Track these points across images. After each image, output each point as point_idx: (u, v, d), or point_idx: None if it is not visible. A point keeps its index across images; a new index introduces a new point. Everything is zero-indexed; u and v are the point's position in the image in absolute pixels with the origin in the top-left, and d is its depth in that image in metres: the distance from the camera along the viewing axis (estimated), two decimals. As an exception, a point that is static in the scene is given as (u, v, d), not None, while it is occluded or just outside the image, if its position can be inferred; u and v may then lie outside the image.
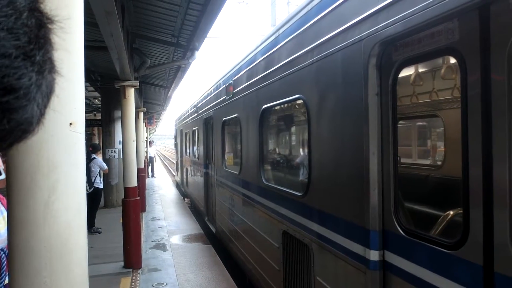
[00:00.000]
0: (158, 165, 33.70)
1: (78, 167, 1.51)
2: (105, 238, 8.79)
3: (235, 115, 6.40)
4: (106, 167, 9.43)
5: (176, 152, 19.20)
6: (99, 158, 9.34)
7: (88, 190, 8.87)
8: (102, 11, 3.79)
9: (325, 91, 3.35)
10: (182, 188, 16.70)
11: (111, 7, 3.76)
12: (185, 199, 15.68)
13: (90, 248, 7.38)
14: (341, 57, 3.03)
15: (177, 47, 7.59)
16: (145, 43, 7.89)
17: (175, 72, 10.33)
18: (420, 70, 2.51)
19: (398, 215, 2.54)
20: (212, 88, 8.71)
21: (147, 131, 24.51)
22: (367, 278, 2.72)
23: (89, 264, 6.15)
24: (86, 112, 15.21)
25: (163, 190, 18.24)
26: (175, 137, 19.58)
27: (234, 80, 6.54)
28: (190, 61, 7.77)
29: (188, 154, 13.82)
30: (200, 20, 5.87)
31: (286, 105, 4.54)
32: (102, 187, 9.47)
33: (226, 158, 7.61)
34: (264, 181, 5.02)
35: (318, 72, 3.43)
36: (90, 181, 8.96)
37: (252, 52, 5.58)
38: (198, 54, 7.72)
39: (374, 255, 2.67)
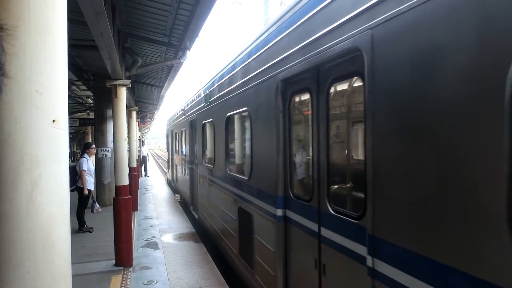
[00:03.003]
0: (151, 165, 33.63)
1: (61, 163, 1.57)
2: (96, 236, 8.80)
3: (211, 119, 7.80)
4: (82, 168, 8.88)
5: (168, 150, 20.59)
6: (84, 158, 9.22)
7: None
8: (91, 11, 3.83)
9: (259, 107, 4.77)
10: (172, 184, 17.89)
11: (100, 7, 3.80)
12: (176, 194, 16.34)
13: (82, 246, 7.38)
14: (266, 85, 4.47)
15: (168, 46, 7.64)
16: (137, 42, 7.93)
17: (168, 71, 10.37)
18: (302, 98, 3.97)
19: (293, 186, 4.07)
20: (196, 95, 10.06)
21: (140, 130, 24.45)
22: (276, 228, 4.24)
23: (81, 262, 6.15)
24: (78, 111, 15.21)
25: (156, 189, 18.25)
26: (167, 137, 20.93)
27: (210, 91, 7.93)
28: (181, 61, 7.81)
29: (177, 152, 15.15)
30: (191, 20, 5.93)
31: (240, 114, 5.88)
32: (89, 187, 9.10)
33: (204, 155, 9.02)
34: (228, 171, 6.48)
35: (256, 93, 4.88)
36: (74, 180, 8.84)
37: (222, 70, 6.98)
38: (189, 53, 7.78)
39: (279, 212, 4.18)
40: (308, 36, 3.39)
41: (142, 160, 24.08)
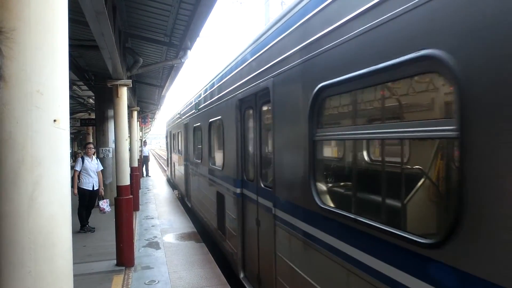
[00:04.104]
0: (153, 166, 33.60)
1: (62, 163, 1.56)
2: (98, 236, 8.81)
3: (199, 123, 9.54)
4: (75, 168, 8.84)
5: (167, 150, 22.68)
6: (80, 157, 9.16)
7: None
8: (92, 11, 3.83)
9: (227, 116, 6.46)
10: (171, 180, 19.56)
11: (101, 7, 3.80)
12: (174, 190, 17.27)
13: (83, 246, 7.37)
14: (230, 101, 6.16)
15: (169, 46, 7.63)
16: (138, 42, 7.92)
17: (169, 71, 10.37)
18: (249, 113, 5.54)
19: (246, 172, 5.70)
20: (189, 101, 11.87)
21: (141, 130, 24.45)
22: (236, 202, 5.95)
23: (82, 262, 6.14)
24: (80, 111, 15.19)
25: (157, 189, 18.26)
26: (166, 137, 23.06)
27: (198, 100, 9.75)
28: (182, 61, 7.81)
29: (174, 151, 17.05)
30: (192, 20, 5.92)
31: (217, 121, 7.39)
32: (86, 187, 9.04)
33: (195, 152, 10.73)
34: (210, 164, 8.22)
35: (225, 106, 6.56)
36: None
37: (206, 84, 8.79)
38: (190, 53, 7.78)
39: (238, 190, 5.88)
40: (250, 73, 5.10)
41: (144, 160, 24.03)
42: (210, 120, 7.90)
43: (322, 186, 3.33)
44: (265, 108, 4.85)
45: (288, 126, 3.87)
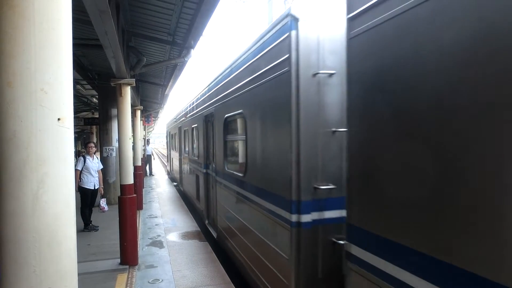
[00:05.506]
0: (156, 166, 33.60)
1: (66, 162, 1.55)
2: (102, 235, 8.83)
3: (187, 127, 12.97)
4: (77, 167, 8.86)
5: (167, 147, 26.82)
6: (80, 157, 9.19)
7: None
8: (95, 10, 3.82)
9: (199, 125, 10.02)
10: (170, 174, 22.58)
11: (104, 6, 3.79)
12: (174, 183, 19.48)
13: (87, 245, 7.37)
14: (199, 116, 9.94)
15: (173, 45, 7.62)
16: (141, 41, 7.92)
17: (172, 70, 10.36)
18: (208, 124, 9.20)
19: (209, 159, 8.97)
20: (182, 110, 15.11)
21: (145, 129, 24.48)
22: (204, 178, 9.53)
23: (86, 261, 6.14)
24: (83, 111, 15.21)
25: (160, 188, 18.29)
26: (166, 137, 27.28)
27: (187, 110, 13.10)
28: (186, 59, 7.79)
29: (172, 148, 20.65)
30: (195, 19, 5.91)
31: (196, 127, 10.73)
32: (87, 186, 9.07)
33: (185, 148, 13.87)
34: (193, 156, 11.53)
35: (199, 118, 9.95)
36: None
37: (191, 100, 12.15)
38: (194, 52, 7.76)
39: (204, 171, 9.42)
40: (206, 102, 8.80)
41: (147, 159, 24.02)
42: (192, 126, 11.47)
43: (227, 160, 6.88)
44: (215, 122, 7.89)
45: (218, 133, 7.30)
